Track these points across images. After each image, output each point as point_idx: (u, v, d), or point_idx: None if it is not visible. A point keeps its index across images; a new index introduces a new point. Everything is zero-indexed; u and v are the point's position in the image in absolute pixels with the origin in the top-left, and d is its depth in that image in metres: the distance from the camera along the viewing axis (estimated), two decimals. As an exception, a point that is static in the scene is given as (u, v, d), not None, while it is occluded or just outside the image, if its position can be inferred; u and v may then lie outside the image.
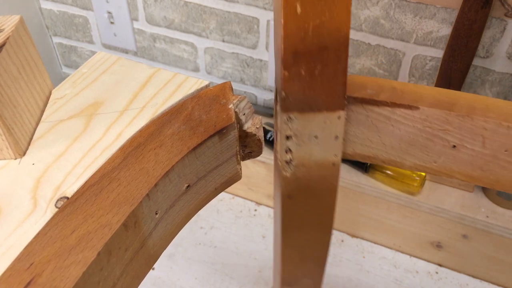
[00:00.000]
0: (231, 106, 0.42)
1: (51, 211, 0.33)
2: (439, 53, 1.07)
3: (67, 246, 0.31)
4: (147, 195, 0.35)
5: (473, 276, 1.19)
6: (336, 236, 1.28)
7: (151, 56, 1.43)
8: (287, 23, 0.38)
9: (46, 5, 1.46)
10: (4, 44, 0.37)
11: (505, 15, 0.95)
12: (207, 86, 0.44)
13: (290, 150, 0.47)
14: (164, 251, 0.40)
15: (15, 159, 0.37)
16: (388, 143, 0.48)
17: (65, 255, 0.30)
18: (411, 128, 0.46)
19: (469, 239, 1.14)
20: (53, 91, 0.44)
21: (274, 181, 0.56)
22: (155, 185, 0.36)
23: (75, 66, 1.59)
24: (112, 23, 1.38)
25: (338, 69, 0.42)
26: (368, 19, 1.08)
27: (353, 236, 1.28)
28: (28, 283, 0.29)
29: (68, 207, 0.33)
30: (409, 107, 0.45)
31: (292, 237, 0.57)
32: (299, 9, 0.38)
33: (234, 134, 0.42)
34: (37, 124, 0.41)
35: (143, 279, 0.37)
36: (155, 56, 1.42)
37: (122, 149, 0.38)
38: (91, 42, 1.49)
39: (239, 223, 1.31)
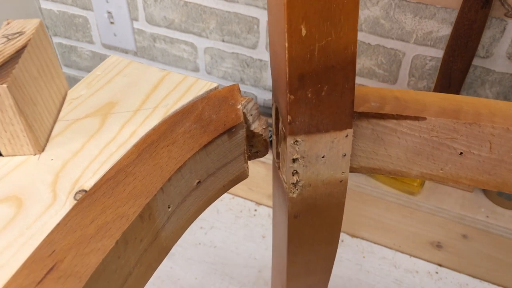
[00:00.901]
0: (239, 106, 0.44)
1: (70, 203, 0.35)
2: (439, 53, 1.07)
3: (87, 235, 0.32)
4: (161, 188, 0.37)
5: (473, 276, 1.20)
6: (336, 236, 1.28)
7: (151, 56, 1.43)
8: (292, 45, 0.37)
9: (46, 5, 1.46)
10: (26, 45, 0.39)
11: (505, 15, 0.96)
12: (216, 88, 0.46)
13: (296, 172, 0.46)
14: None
15: (35, 155, 0.39)
16: (394, 155, 0.48)
17: (85, 243, 0.32)
18: (418, 138, 0.46)
19: (469, 239, 1.14)
20: (69, 92, 0.46)
21: (276, 200, 0.55)
22: (169, 179, 0.37)
23: (75, 66, 1.59)
24: (112, 23, 1.39)
25: (346, 88, 0.41)
26: (368, 19, 1.09)
27: (353, 236, 1.29)
28: (51, 269, 0.30)
29: (86, 199, 0.35)
30: (416, 118, 0.44)
31: (298, 254, 0.56)
32: (304, 31, 0.36)
33: (242, 133, 0.44)
34: (55, 122, 0.43)
35: (155, 270, 0.39)
36: (155, 56, 1.43)
37: (137, 146, 0.40)
38: (91, 42, 1.49)
39: (239, 223, 1.31)
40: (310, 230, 0.52)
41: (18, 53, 0.38)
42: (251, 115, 0.45)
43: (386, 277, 1.19)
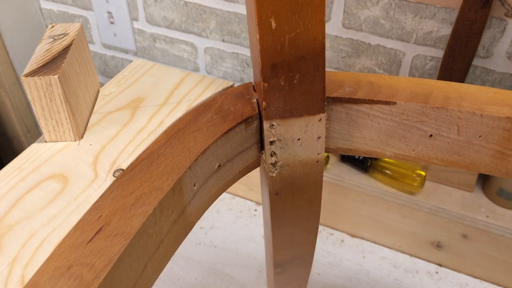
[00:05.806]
0: (254, 100, 0.50)
1: (110, 179, 0.42)
2: (439, 53, 1.10)
3: (129, 203, 0.39)
4: (189, 167, 0.43)
5: (473, 276, 1.22)
6: (336, 236, 1.32)
7: (151, 56, 1.46)
8: (263, 37, 0.41)
9: (46, 5, 1.50)
10: (71, 44, 0.47)
11: (505, 15, 0.98)
12: (232, 86, 0.54)
13: (275, 153, 0.50)
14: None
15: (75, 141, 0.46)
16: (368, 137, 0.52)
17: (127, 209, 0.38)
18: (389, 121, 0.50)
19: (469, 239, 1.17)
20: (100, 89, 0.54)
21: (261, 179, 0.60)
22: (196, 159, 0.44)
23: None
24: (112, 23, 1.42)
25: (316, 76, 0.45)
26: (368, 19, 1.12)
27: (353, 236, 1.32)
28: (99, 230, 0.36)
29: (125, 175, 0.42)
30: (387, 102, 0.49)
31: (282, 228, 0.61)
32: (273, 24, 0.41)
33: (257, 124, 0.50)
34: (91, 113, 0.50)
35: (180, 244, 0.46)
36: (155, 56, 1.46)
37: (166, 132, 0.47)
38: (91, 42, 1.52)
39: (239, 223, 1.35)
40: (291, 206, 0.57)
41: (65, 51, 0.46)
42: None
43: (386, 277, 1.22)
